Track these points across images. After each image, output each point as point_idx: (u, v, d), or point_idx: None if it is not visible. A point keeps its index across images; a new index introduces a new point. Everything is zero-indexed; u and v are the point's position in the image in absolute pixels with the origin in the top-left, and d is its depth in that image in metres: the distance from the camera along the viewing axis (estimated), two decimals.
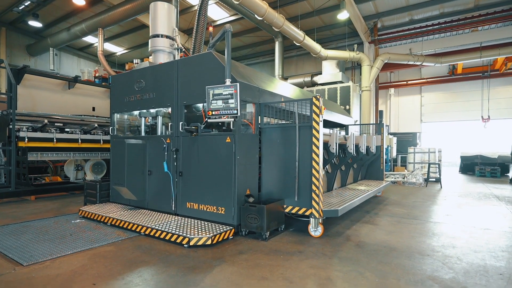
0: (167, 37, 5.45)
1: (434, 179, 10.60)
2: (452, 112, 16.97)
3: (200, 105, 4.89)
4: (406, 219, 5.09)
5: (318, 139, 3.88)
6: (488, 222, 4.91)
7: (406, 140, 14.56)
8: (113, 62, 20.64)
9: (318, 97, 3.87)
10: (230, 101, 3.62)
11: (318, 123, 3.88)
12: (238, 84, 3.65)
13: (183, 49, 5.63)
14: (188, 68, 4.60)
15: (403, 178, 9.94)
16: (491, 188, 9.06)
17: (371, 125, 7.81)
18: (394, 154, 12.99)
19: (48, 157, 7.19)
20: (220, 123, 4.40)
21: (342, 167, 6.38)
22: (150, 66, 5.16)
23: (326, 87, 12.97)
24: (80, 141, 7.43)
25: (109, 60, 20.44)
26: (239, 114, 3.66)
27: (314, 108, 3.90)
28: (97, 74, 12.28)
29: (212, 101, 3.76)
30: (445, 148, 15.31)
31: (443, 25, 13.50)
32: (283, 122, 4.63)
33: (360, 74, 14.21)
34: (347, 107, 12.47)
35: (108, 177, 7.36)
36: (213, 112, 3.77)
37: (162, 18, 5.46)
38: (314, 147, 3.91)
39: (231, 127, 4.06)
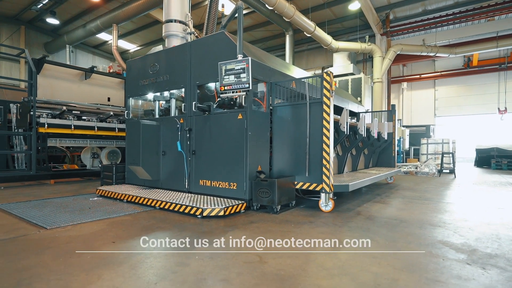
0: (180, 22, 5.59)
1: (448, 170, 10.43)
2: (467, 105, 16.57)
3: (212, 86, 5.00)
4: (418, 200, 5.07)
5: (328, 114, 3.92)
6: (503, 203, 4.84)
7: (419, 133, 14.34)
8: (126, 59, 20.97)
9: (328, 72, 3.91)
10: (242, 75, 3.71)
11: (328, 98, 3.92)
12: (249, 58, 3.74)
13: (196, 34, 5.76)
14: (201, 49, 4.72)
15: (416, 168, 9.82)
16: (508, 178, 8.86)
17: (382, 112, 7.75)
18: (407, 146, 12.82)
19: (66, 143, 7.46)
20: (232, 102, 4.49)
21: (353, 151, 6.38)
22: (164, 49, 5.31)
23: (337, 79, 12.92)
24: (96, 128, 7.68)
25: (122, 57, 20.88)
26: (250, 87, 3.74)
27: (324, 83, 3.94)
28: (111, 70, 12.61)
29: (225, 77, 3.86)
30: (460, 143, 14.98)
31: (457, 15, 13.24)
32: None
33: (372, 67, 14.09)
34: (359, 99, 12.38)
35: (123, 164, 7.58)
36: (225, 87, 3.87)
37: (175, 4, 5.60)
38: (324, 122, 3.96)
39: (243, 103, 4.14)
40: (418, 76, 17.12)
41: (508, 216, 3.95)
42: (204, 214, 3.65)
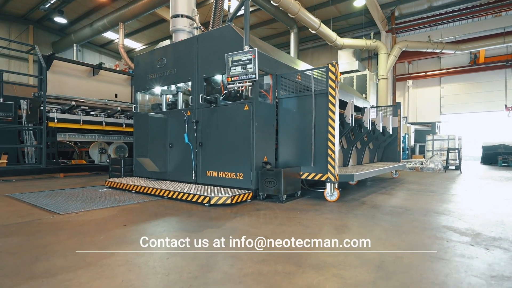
0: (187, 17, 5.68)
1: (453, 167, 10.38)
2: (473, 103, 16.40)
3: (218, 80, 5.07)
4: (423, 192, 5.09)
5: (334, 105, 3.97)
6: (509, 195, 4.84)
7: (424, 130, 14.28)
8: (132, 58, 21.21)
9: (334, 63, 3.96)
10: (249, 66, 3.77)
11: (334, 89, 3.97)
12: (256, 49, 3.80)
13: (202, 29, 5.83)
14: (208, 43, 4.80)
15: (421, 164, 9.80)
16: None
17: (387, 107, 7.76)
18: (412, 142, 12.77)
19: (75, 138, 7.60)
20: (238, 94, 4.56)
21: (358, 145, 6.41)
22: (171, 44, 5.40)
23: (342, 76, 12.92)
24: (104, 123, 7.81)
25: (128, 56, 21.09)
26: (257, 78, 3.80)
27: (330, 74, 3.99)
28: (117, 69, 12.79)
29: (231, 68, 3.93)
30: (467, 142, 14.85)
31: (464, 11, 13.15)
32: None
33: (377, 64, 14.06)
34: (364, 95, 12.37)
35: (131, 157, 7.70)
36: (232, 78, 3.94)
37: None
38: (330, 113, 4.01)
39: (249, 94, 4.21)
40: (424, 73, 17.00)
41: None
42: (212, 202, 3.72)
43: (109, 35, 17.92)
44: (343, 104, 5.51)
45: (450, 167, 10.28)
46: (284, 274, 1.77)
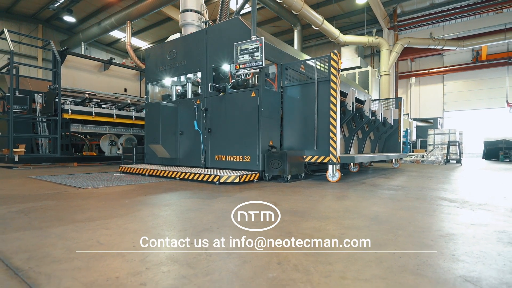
0: (195, 11, 5.97)
1: (454, 161, 10.57)
2: (476, 100, 16.56)
3: (226, 70, 5.36)
4: (422, 177, 5.33)
5: (335, 90, 4.23)
6: (504, 180, 5.07)
7: (426, 126, 14.46)
8: (138, 56, 21.57)
9: (336, 51, 4.22)
10: (256, 54, 4.05)
11: (336, 76, 4.23)
12: (263, 38, 4.08)
13: (210, 23, 6.12)
14: (217, 35, 5.08)
15: (422, 157, 10.01)
16: None
17: (389, 100, 8.00)
18: (414, 137, 12.97)
19: (87, 129, 7.93)
20: (245, 83, 4.84)
21: (359, 134, 6.66)
22: (181, 36, 5.70)
23: (344, 72, 13.16)
24: (115, 116, 8.13)
25: (134, 54, 21.47)
26: (264, 65, 4.08)
27: (332, 62, 4.26)
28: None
29: (240, 56, 4.21)
30: (468, 139, 15.00)
31: (465, 8, 13.34)
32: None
33: (379, 61, 14.27)
34: (366, 91, 12.60)
35: (142, 146, 7.99)
36: (240, 66, 4.22)
37: None
38: (332, 98, 4.27)
39: (256, 82, 4.49)
40: (427, 71, 17.18)
41: (507, 188, 4.20)
42: (221, 180, 4.00)
43: (116, 34, 18.31)
44: (345, 96, 5.78)
45: (451, 161, 10.46)
46: (290, 222, 2.04)
